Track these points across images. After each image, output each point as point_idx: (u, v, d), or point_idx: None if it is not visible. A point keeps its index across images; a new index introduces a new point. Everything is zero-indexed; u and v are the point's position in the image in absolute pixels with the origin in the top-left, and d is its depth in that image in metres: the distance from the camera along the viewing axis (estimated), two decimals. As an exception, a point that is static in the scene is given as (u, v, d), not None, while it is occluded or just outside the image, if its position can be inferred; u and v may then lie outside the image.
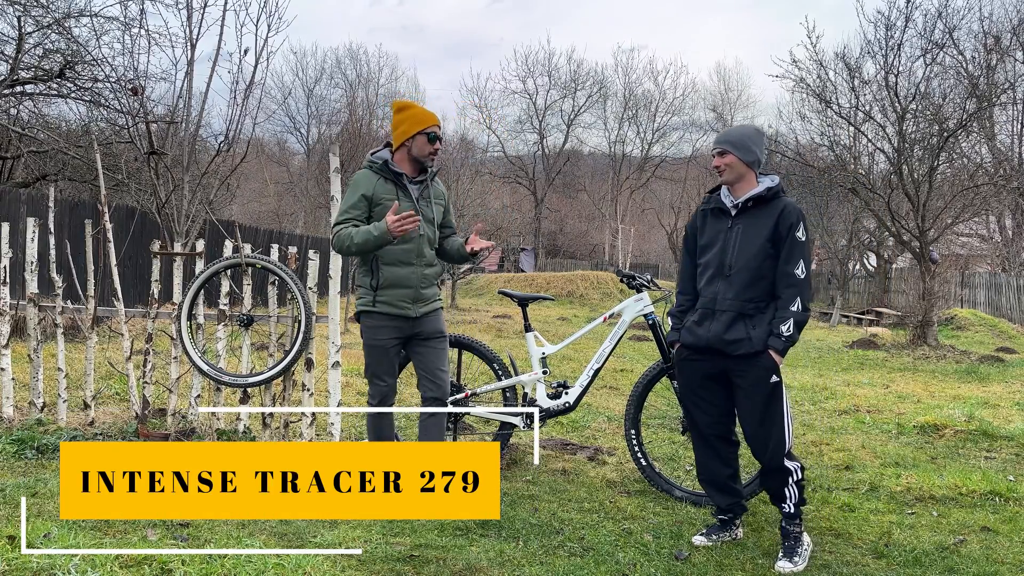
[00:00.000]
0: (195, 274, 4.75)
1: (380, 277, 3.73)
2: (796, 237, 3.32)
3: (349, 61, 44.22)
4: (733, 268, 3.42)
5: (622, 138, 46.25)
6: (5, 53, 12.74)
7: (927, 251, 13.13)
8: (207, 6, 7.38)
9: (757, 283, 3.38)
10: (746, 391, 3.39)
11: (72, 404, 5.31)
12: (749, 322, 3.37)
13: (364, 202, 3.69)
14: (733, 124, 41.52)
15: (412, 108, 3.82)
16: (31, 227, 5.11)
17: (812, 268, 3.44)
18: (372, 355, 3.81)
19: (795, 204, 3.41)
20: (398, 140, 3.79)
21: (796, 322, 3.29)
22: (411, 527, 3.50)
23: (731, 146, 3.44)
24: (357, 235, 3.60)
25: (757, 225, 3.40)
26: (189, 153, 7.42)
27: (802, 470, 3.42)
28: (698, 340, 3.48)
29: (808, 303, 3.33)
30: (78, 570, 2.67)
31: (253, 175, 34.17)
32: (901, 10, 12.76)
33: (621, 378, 8.48)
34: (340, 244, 3.67)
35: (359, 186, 3.71)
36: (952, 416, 6.29)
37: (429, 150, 3.77)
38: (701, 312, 3.51)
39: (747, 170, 3.44)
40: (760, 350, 3.32)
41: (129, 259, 12.07)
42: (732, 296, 3.40)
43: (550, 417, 4.49)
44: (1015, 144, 22.96)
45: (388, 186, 3.73)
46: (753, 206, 3.44)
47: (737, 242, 3.44)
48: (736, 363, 3.39)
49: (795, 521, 3.37)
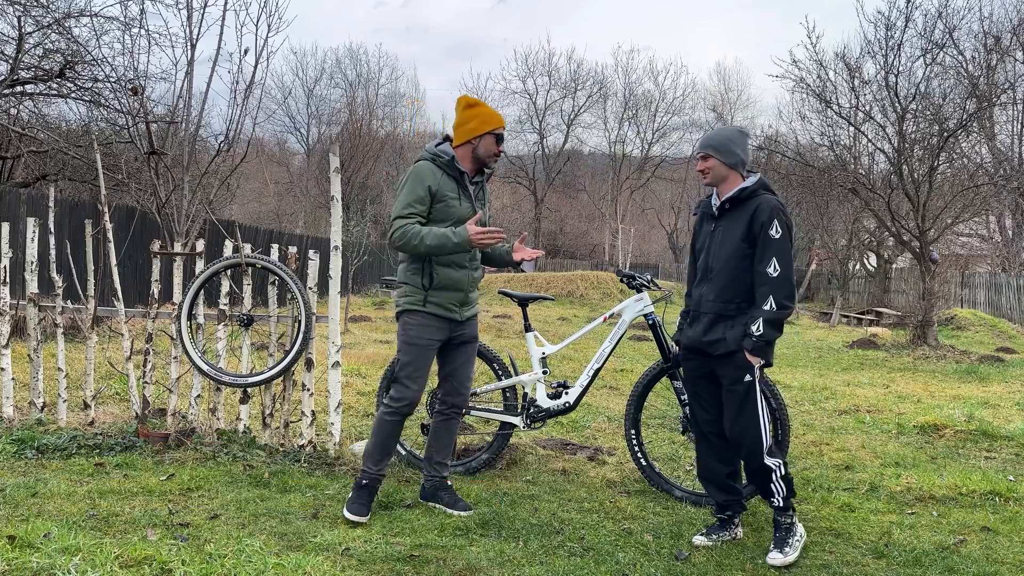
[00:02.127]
0: (195, 274, 4.75)
1: (434, 278, 3.60)
2: (769, 235, 3.31)
3: (349, 61, 44.28)
4: (713, 270, 3.48)
5: (622, 138, 46.27)
6: (5, 53, 12.74)
7: (927, 251, 13.13)
8: (207, 6, 7.40)
9: (735, 284, 3.40)
10: (724, 390, 3.46)
11: (72, 404, 5.31)
12: (728, 323, 3.41)
13: (428, 196, 3.54)
14: (739, 124, 41.57)
15: (481, 107, 3.71)
16: (31, 227, 5.11)
17: (793, 263, 3.38)
18: (412, 354, 3.63)
19: (772, 200, 3.38)
20: (463, 137, 3.66)
21: (768, 321, 3.26)
22: (411, 527, 3.51)
23: (712, 149, 3.47)
24: (430, 237, 3.45)
25: (733, 226, 3.43)
26: (189, 153, 7.43)
27: (784, 465, 3.45)
28: (687, 341, 3.60)
29: (784, 300, 3.27)
30: (78, 570, 2.67)
31: (253, 175, 34.17)
32: (901, 10, 12.77)
33: (621, 378, 8.48)
34: (406, 241, 3.48)
35: (424, 179, 3.55)
36: (952, 416, 6.29)
37: (495, 151, 3.70)
38: (692, 314, 3.61)
39: (730, 172, 3.46)
40: (735, 350, 3.36)
41: (129, 259, 12.06)
42: (712, 298, 3.46)
43: (550, 417, 4.49)
44: (1015, 144, 22.95)
45: (451, 183, 3.62)
46: (731, 207, 3.47)
47: (717, 244, 3.49)
48: (717, 363, 3.46)
49: (786, 512, 3.40)
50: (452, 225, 3.57)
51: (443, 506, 3.77)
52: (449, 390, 3.86)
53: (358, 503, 3.59)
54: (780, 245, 3.31)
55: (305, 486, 4.02)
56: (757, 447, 3.39)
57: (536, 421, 4.46)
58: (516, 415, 4.48)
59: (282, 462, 4.39)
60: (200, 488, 3.88)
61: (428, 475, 3.89)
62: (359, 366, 8.17)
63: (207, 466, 4.27)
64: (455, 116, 3.74)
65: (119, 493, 3.74)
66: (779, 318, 3.29)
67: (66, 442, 4.47)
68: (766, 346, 3.32)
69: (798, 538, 3.38)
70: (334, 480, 4.16)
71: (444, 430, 3.92)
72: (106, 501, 3.61)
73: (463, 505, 3.77)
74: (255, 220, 30.45)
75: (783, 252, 3.31)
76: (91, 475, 4.05)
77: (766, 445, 3.41)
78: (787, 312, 3.31)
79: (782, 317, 3.30)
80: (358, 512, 3.55)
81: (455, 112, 3.75)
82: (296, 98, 43.44)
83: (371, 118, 34.62)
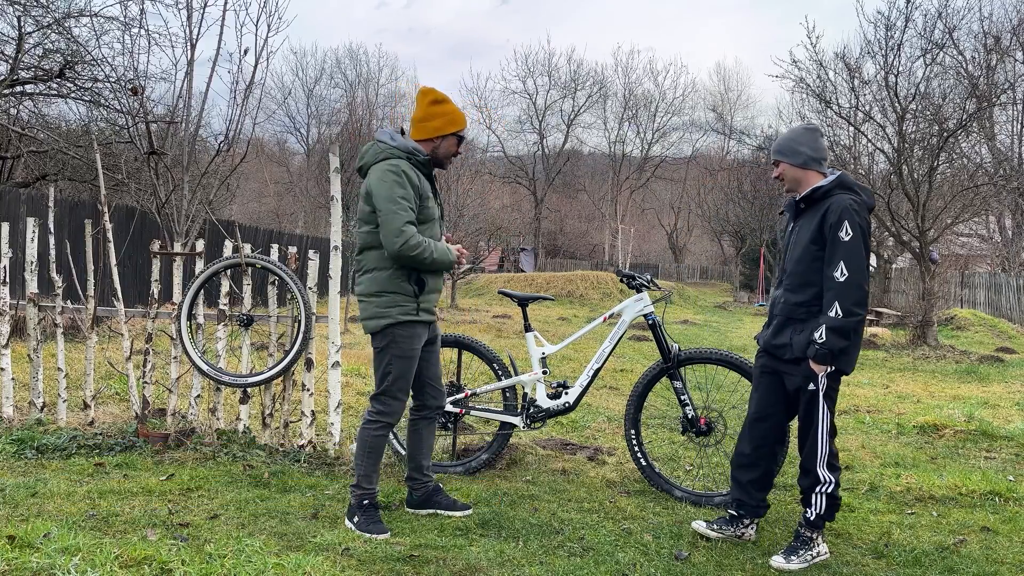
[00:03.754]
0: (195, 274, 4.75)
1: (425, 283, 3.50)
2: (838, 237, 3.16)
3: (349, 61, 44.42)
4: (787, 272, 3.41)
5: (622, 138, 46.30)
6: (5, 53, 12.74)
7: (927, 251, 13.13)
8: (207, 6, 7.39)
9: (805, 287, 3.30)
10: (794, 394, 3.41)
11: (72, 404, 5.31)
12: (796, 327, 3.33)
13: (416, 197, 3.42)
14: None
15: (447, 104, 3.57)
16: (31, 227, 5.11)
17: (867, 268, 3.20)
18: (404, 367, 3.50)
19: (845, 200, 3.21)
20: (426, 134, 3.54)
21: (832, 328, 3.13)
22: (411, 527, 3.51)
23: (779, 155, 3.41)
24: (437, 252, 3.42)
25: (806, 227, 3.33)
26: (189, 153, 7.42)
27: (836, 486, 3.35)
28: (762, 342, 3.54)
29: (852, 307, 3.13)
30: (78, 570, 2.67)
31: (253, 175, 34.18)
32: (901, 10, 12.76)
33: (621, 378, 8.47)
34: (417, 254, 3.35)
35: (410, 178, 3.40)
36: (952, 416, 6.28)
37: (455, 152, 3.63)
38: (768, 316, 3.55)
39: (804, 172, 3.37)
40: (800, 357, 3.29)
41: (129, 259, 12.07)
42: (783, 301, 3.39)
43: (550, 417, 4.49)
44: (1015, 144, 22.95)
45: (425, 183, 3.52)
46: (806, 207, 3.37)
47: (791, 245, 3.42)
48: (784, 367, 3.41)
49: (813, 529, 3.34)
50: (426, 225, 3.50)
51: (443, 510, 3.70)
52: (431, 394, 3.76)
53: (376, 522, 3.45)
54: (850, 248, 3.15)
55: (305, 486, 4.02)
56: (813, 454, 3.34)
57: (536, 421, 4.46)
58: (516, 415, 4.48)
59: (282, 462, 4.39)
60: (200, 488, 3.88)
61: (418, 482, 3.77)
62: (359, 366, 8.17)
63: (207, 466, 4.27)
64: (416, 109, 3.59)
65: (119, 493, 3.74)
66: (845, 326, 3.13)
67: (66, 442, 4.47)
68: (831, 354, 3.17)
69: (813, 555, 3.29)
70: (334, 480, 4.16)
71: (427, 433, 3.81)
72: (106, 501, 3.61)
73: (462, 505, 3.75)
74: (255, 220, 30.47)
75: (853, 256, 3.14)
76: (91, 475, 4.05)
77: (821, 456, 3.33)
78: (855, 320, 3.15)
79: (849, 325, 3.14)
80: (379, 531, 3.40)
81: (416, 104, 3.60)
82: (296, 98, 43.54)
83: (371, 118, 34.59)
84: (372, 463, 3.56)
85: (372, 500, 3.53)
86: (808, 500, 3.38)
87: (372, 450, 3.56)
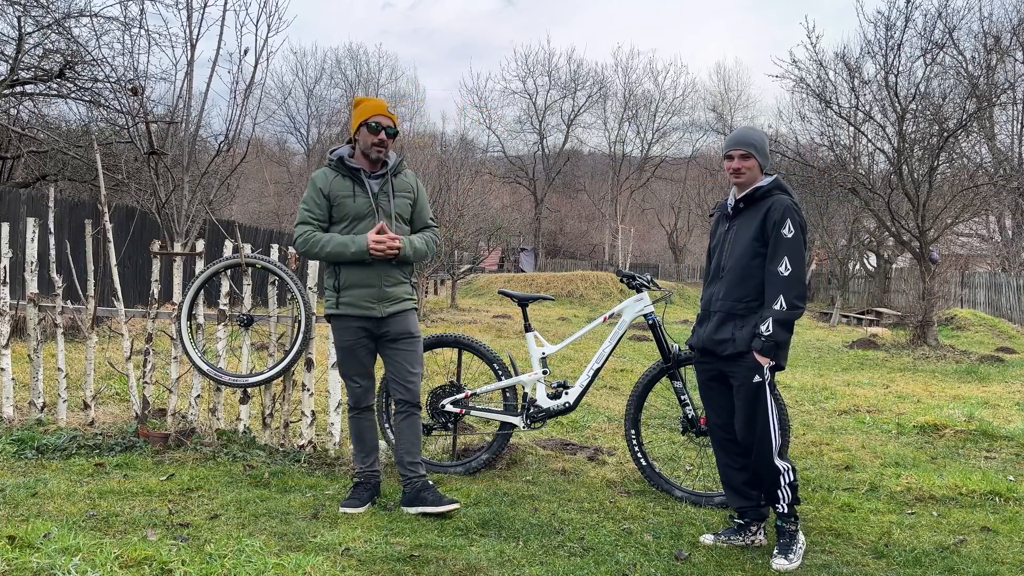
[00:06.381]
0: (195, 274, 4.75)
1: (342, 277, 3.71)
2: (781, 234, 3.29)
3: (349, 61, 44.28)
4: (725, 269, 3.47)
5: (622, 138, 46.28)
6: (5, 53, 12.74)
7: (927, 251, 13.13)
8: (207, 6, 7.40)
9: (746, 283, 3.39)
10: (735, 391, 3.44)
11: (72, 404, 5.31)
12: (738, 322, 3.39)
13: (323, 199, 3.70)
14: (739, 124, 41.52)
15: (362, 102, 3.77)
16: (31, 227, 5.10)
17: (805, 264, 3.36)
18: (341, 356, 3.84)
19: (785, 200, 3.36)
20: (350, 135, 3.80)
21: (777, 321, 3.24)
22: (411, 527, 3.50)
23: (755, 150, 3.43)
24: (330, 244, 3.63)
25: (747, 225, 3.43)
26: (189, 153, 7.43)
27: (793, 471, 3.42)
28: (697, 341, 3.59)
29: (795, 301, 3.25)
30: (78, 570, 2.67)
31: (253, 175, 34.14)
32: (901, 10, 12.77)
33: (621, 378, 8.47)
34: (308, 249, 3.68)
35: (316, 183, 3.72)
36: (952, 416, 6.28)
37: (372, 140, 3.68)
38: (700, 314, 3.60)
39: (760, 173, 3.46)
40: (744, 351, 3.35)
41: (129, 259, 12.07)
42: (722, 296, 3.45)
43: (550, 417, 4.49)
44: (1015, 144, 22.96)
45: (345, 182, 3.72)
46: (745, 207, 3.47)
47: (729, 243, 3.48)
48: (726, 364, 3.45)
49: (790, 520, 3.38)
50: (351, 222, 3.68)
51: (429, 507, 3.66)
52: (396, 388, 3.84)
53: (352, 497, 3.75)
54: (792, 245, 3.28)
55: (305, 486, 4.02)
56: (766, 448, 3.37)
57: (536, 421, 4.46)
58: (516, 415, 4.48)
59: (282, 462, 4.39)
60: (200, 488, 3.88)
61: (404, 479, 3.82)
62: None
63: (207, 466, 4.27)
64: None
65: (119, 493, 3.74)
66: (789, 318, 3.26)
67: (66, 442, 4.47)
68: (775, 347, 3.28)
69: (801, 545, 3.37)
70: (334, 480, 4.16)
71: (406, 428, 3.86)
72: (106, 501, 3.61)
73: (448, 500, 3.69)
74: (255, 220, 30.46)
75: (795, 252, 3.28)
76: (91, 475, 4.05)
77: (775, 447, 3.38)
78: (798, 313, 3.28)
79: (792, 317, 3.27)
80: (351, 505, 3.68)
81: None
82: (296, 98, 43.51)
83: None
84: (357, 445, 3.91)
85: (363, 479, 3.85)
86: (774, 496, 3.40)
87: (353, 433, 3.92)
